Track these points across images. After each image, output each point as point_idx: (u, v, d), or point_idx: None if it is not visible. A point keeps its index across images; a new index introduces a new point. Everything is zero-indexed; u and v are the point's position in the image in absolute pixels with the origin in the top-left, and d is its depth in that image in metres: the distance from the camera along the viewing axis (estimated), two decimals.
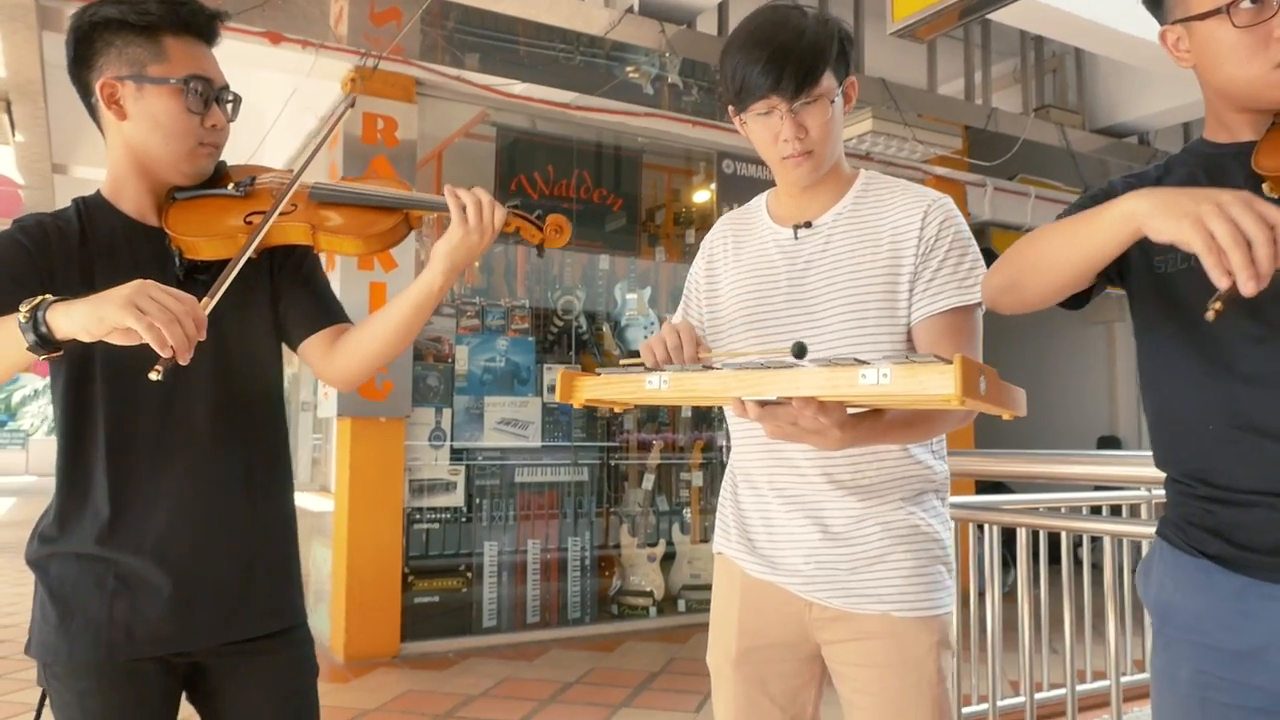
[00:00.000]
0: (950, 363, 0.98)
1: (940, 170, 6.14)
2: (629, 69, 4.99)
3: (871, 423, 1.23)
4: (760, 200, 1.60)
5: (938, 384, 0.99)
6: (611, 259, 5.60)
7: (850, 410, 1.20)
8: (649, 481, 5.67)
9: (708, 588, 5.57)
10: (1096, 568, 3.33)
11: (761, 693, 1.47)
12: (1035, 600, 3.05)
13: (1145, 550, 1.60)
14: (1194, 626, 1.14)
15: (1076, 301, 1.24)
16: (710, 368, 1.19)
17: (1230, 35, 1.09)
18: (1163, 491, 1.25)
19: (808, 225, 1.49)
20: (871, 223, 1.44)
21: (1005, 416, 1.10)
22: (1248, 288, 0.89)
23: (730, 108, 1.46)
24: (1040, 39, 5.84)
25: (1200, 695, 1.13)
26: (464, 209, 1.37)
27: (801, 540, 1.43)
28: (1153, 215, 0.96)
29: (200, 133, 1.39)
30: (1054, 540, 3.60)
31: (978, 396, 1.00)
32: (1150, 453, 1.26)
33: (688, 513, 5.74)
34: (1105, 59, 5.77)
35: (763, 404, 1.16)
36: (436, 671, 4.36)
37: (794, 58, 1.35)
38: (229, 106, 1.43)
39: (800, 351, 1.20)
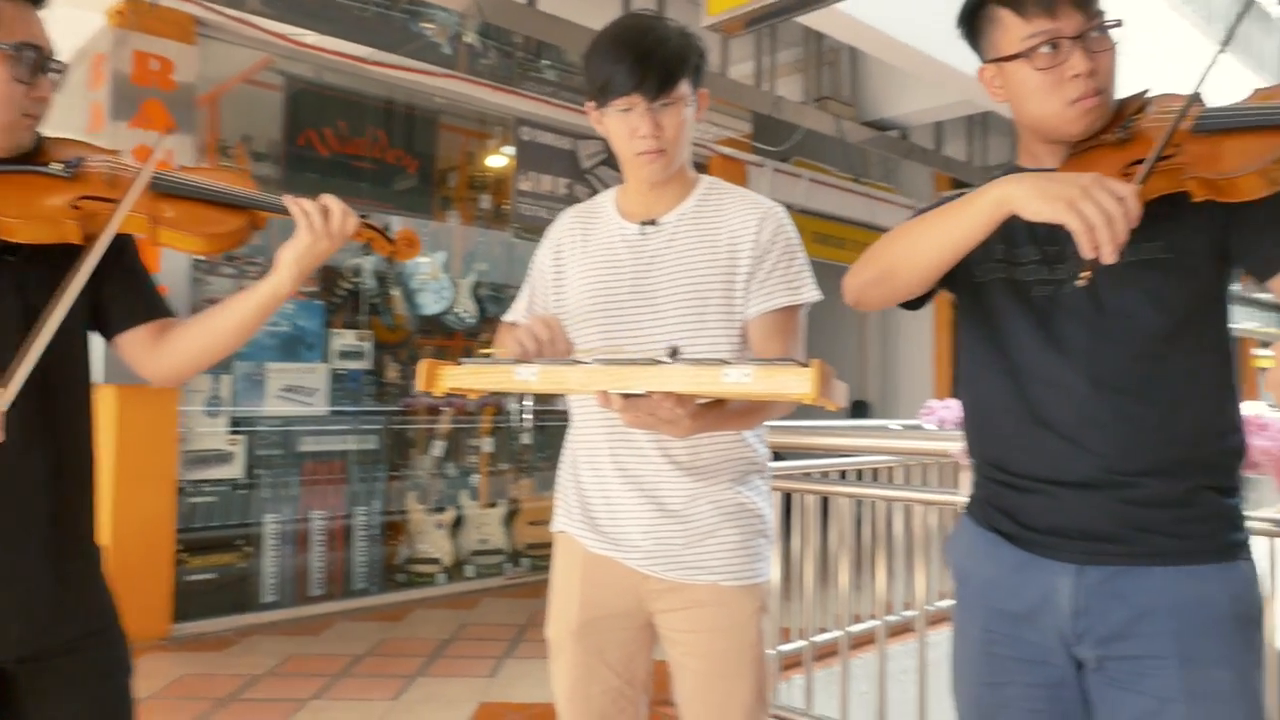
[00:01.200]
0: (806, 365, 1.09)
1: (725, 150, 6.43)
2: (425, 24, 4.85)
3: (717, 412, 1.33)
4: (608, 196, 1.66)
5: (795, 384, 1.09)
6: (404, 221, 5.45)
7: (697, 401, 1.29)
8: (438, 448, 5.62)
9: (496, 552, 5.64)
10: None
11: (600, 661, 1.56)
12: (855, 548, 3.33)
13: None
14: (984, 591, 1.34)
15: (916, 304, 1.38)
16: (580, 363, 1.24)
17: (1033, 76, 1.25)
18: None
19: (653, 223, 1.56)
20: (712, 224, 1.54)
21: (831, 408, 1.23)
22: (1110, 258, 1.05)
23: (591, 103, 1.52)
24: (821, 34, 6.23)
25: (986, 649, 1.33)
26: (308, 215, 1.34)
27: (640, 518, 1.52)
28: (1029, 199, 1.09)
29: (25, 104, 1.26)
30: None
31: (824, 395, 1.13)
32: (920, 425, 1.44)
33: (477, 478, 5.74)
34: (875, 58, 6.26)
35: (625, 396, 1.23)
36: (214, 653, 4.14)
37: (657, 62, 1.43)
38: (56, 77, 1.30)
39: (674, 355, 1.28)
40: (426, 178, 5.61)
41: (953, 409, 4.63)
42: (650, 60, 1.43)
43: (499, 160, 5.93)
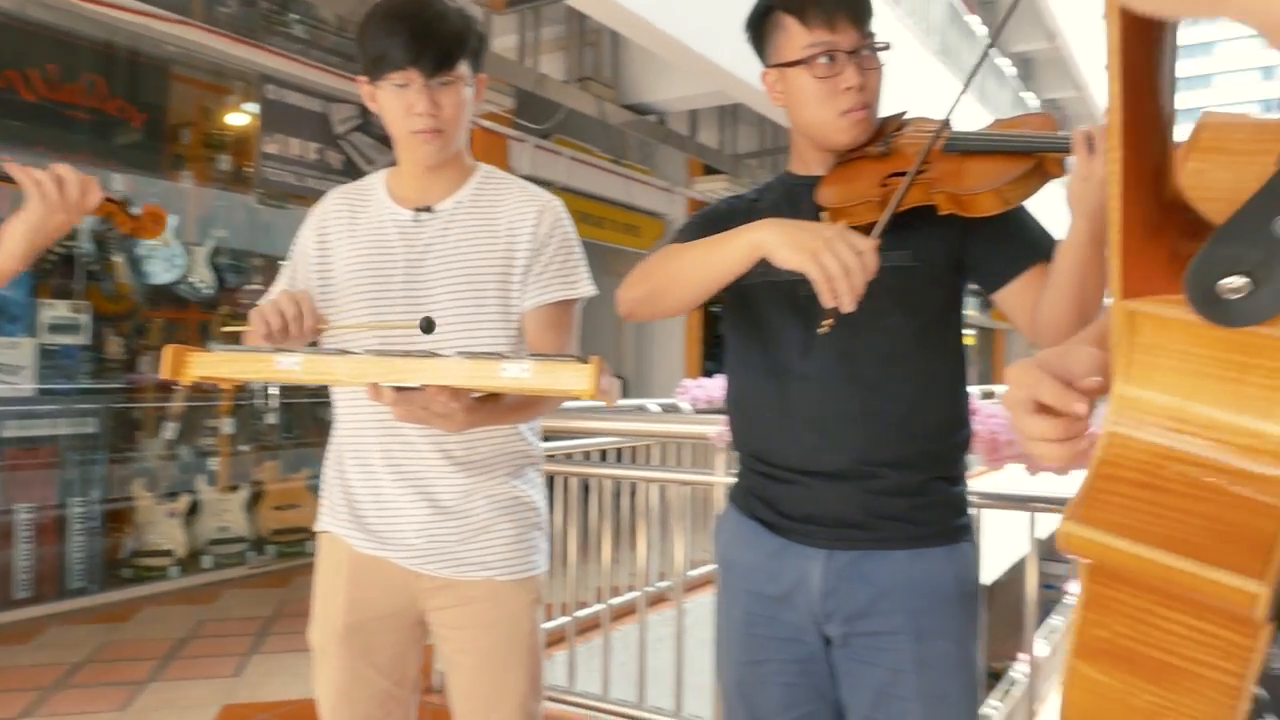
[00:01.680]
0: (586, 362, 1.10)
1: (487, 124, 6.33)
2: None
3: (492, 406, 1.31)
4: (377, 179, 1.58)
5: (573, 380, 1.10)
6: (126, 178, 4.92)
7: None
8: (170, 429, 5.16)
9: (238, 540, 5.28)
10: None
11: (367, 664, 1.50)
12: (615, 522, 3.38)
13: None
14: (745, 576, 1.41)
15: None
16: (348, 353, 1.17)
17: (811, 84, 1.34)
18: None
19: (428, 209, 1.51)
20: (490, 214, 1.51)
21: (608, 404, 1.25)
22: (849, 307, 1.12)
23: (363, 77, 1.43)
24: (583, 14, 6.27)
25: (747, 630, 1.41)
26: (40, 185, 1.19)
27: (412, 515, 1.48)
28: (779, 246, 1.15)
29: None
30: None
31: (601, 391, 1.14)
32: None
33: (215, 461, 5.34)
34: (636, 43, 6.38)
35: (398, 389, 1.19)
36: None
37: (436, 37, 1.37)
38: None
39: (429, 326, 1.24)
40: (155, 133, 5.08)
41: (705, 388, 4.86)
42: (429, 35, 1.38)
43: (241, 118, 5.49)
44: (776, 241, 1.15)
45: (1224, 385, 0.50)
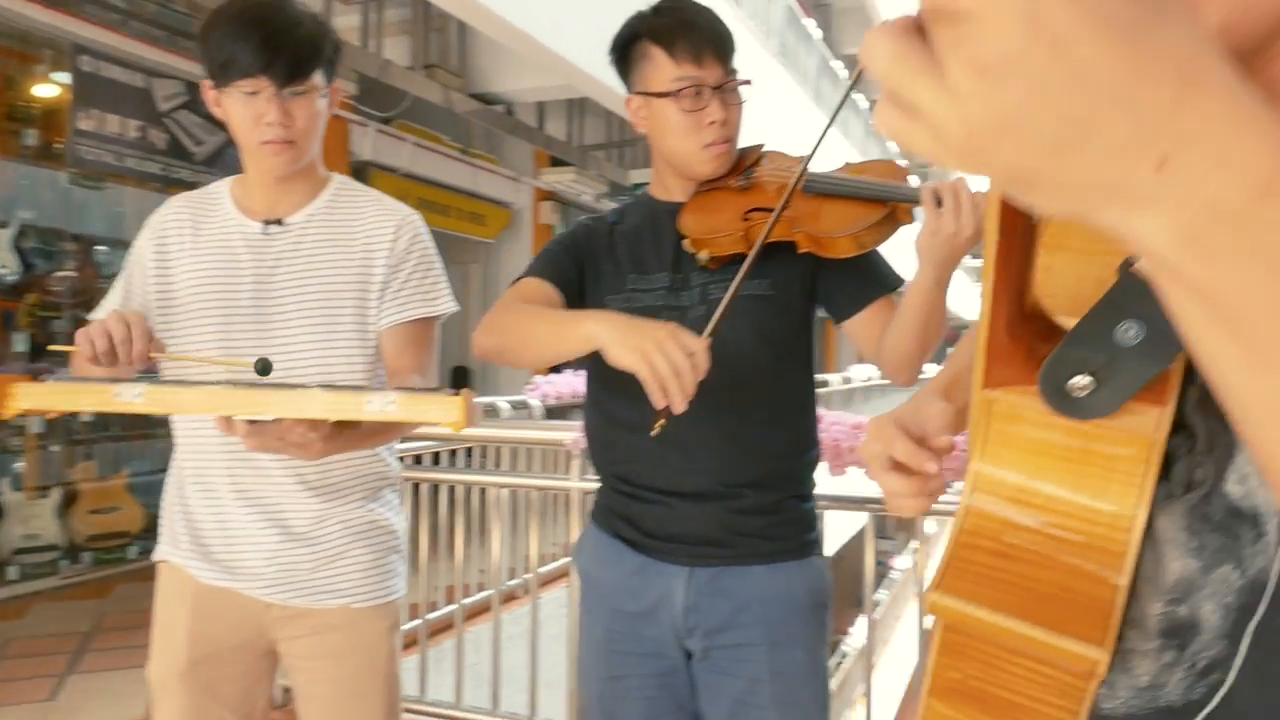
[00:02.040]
0: (456, 394, 1.09)
1: None
2: None
3: (351, 432, 1.28)
4: (222, 186, 1.50)
5: (443, 414, 1.08)
6: None
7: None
8: None
9: (49, 549, 4.89)
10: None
11: (212, 699, 1.44)
12: (467, 521, 3.32)
13: None
14: (607, 594, 1.44)
15: None
16: (199, 383, 1.11)
17: (676, 115, 1.37)
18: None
19: (279, 222, 1.44)
20: (345, 228, 1.46)
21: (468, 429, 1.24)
22: (680, 407, 1.12)
23: (208, 81, 1.35)
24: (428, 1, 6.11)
25: (609, 646, 1.44)
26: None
27: (262, 543, 1.42)
28: (611, 345, 1.15)
29: None
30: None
31: (471, 422, 1.13)
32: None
33: (21, 462, 4.92)
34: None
35: (251, 421, 1.14)
36: None
37: (290, 45, 1.31)
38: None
39: (265, 369, 1.20)
40: None
41: (555, 384, 4.87)
42: (282, 42, 1.31)
43: (50, 90, 5.04)
44: (609, 339, 1.16)
45: (1066, 466, 0.56)
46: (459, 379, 10.13)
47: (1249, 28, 0.45)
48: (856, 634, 7.67)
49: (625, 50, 1.43)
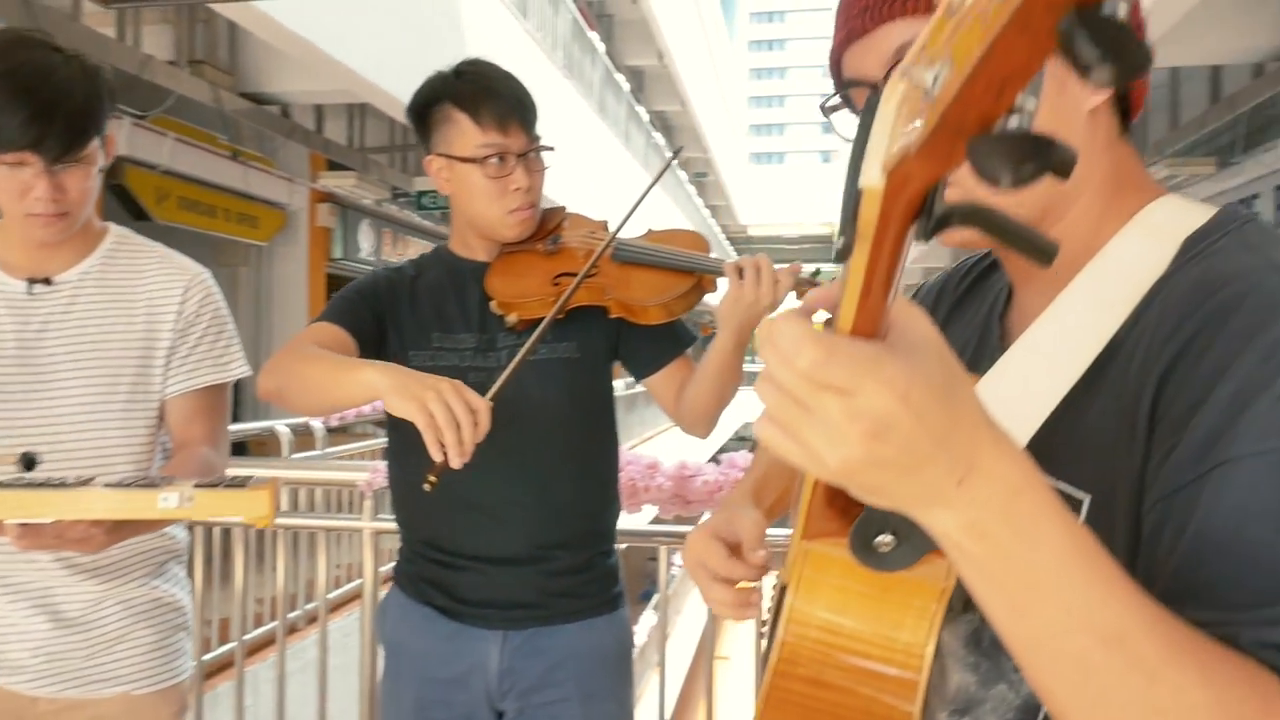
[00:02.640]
0: (262, 489, 1.05)
1: None
2: None
3: (135, 522, 1.20)
4: None
5: (249, 508, 1.05)
6: None
7: None
8: None
9: None
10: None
11: None
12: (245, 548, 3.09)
13: None
14: (418, 661, 1.43)
15: None
16: None
17: (481, 181, 1.38)
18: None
19: (47, 281, 1.32)
20: (125, 288, 1.36)
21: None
22: (456, 463, 1.11)
23: None
24: None
25: (418, 713, 1.43)
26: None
27: (28, 633, 1.30)
28: (390, 393, 1.14)
29: None
30: None
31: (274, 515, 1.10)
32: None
33: None
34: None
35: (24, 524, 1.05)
36: None
37: (62, 118, 1.19)
38: None
39: (30, 463, 1.11)
40: None
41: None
42: (53, 116, 1.18)
43: None
44: (388, 386, 1.15)
45: (869, 605, 0.64)
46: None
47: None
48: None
49: (426, 111, 1.42)
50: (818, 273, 1.35)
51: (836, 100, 0.70)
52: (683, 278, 1.40)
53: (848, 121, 0.69)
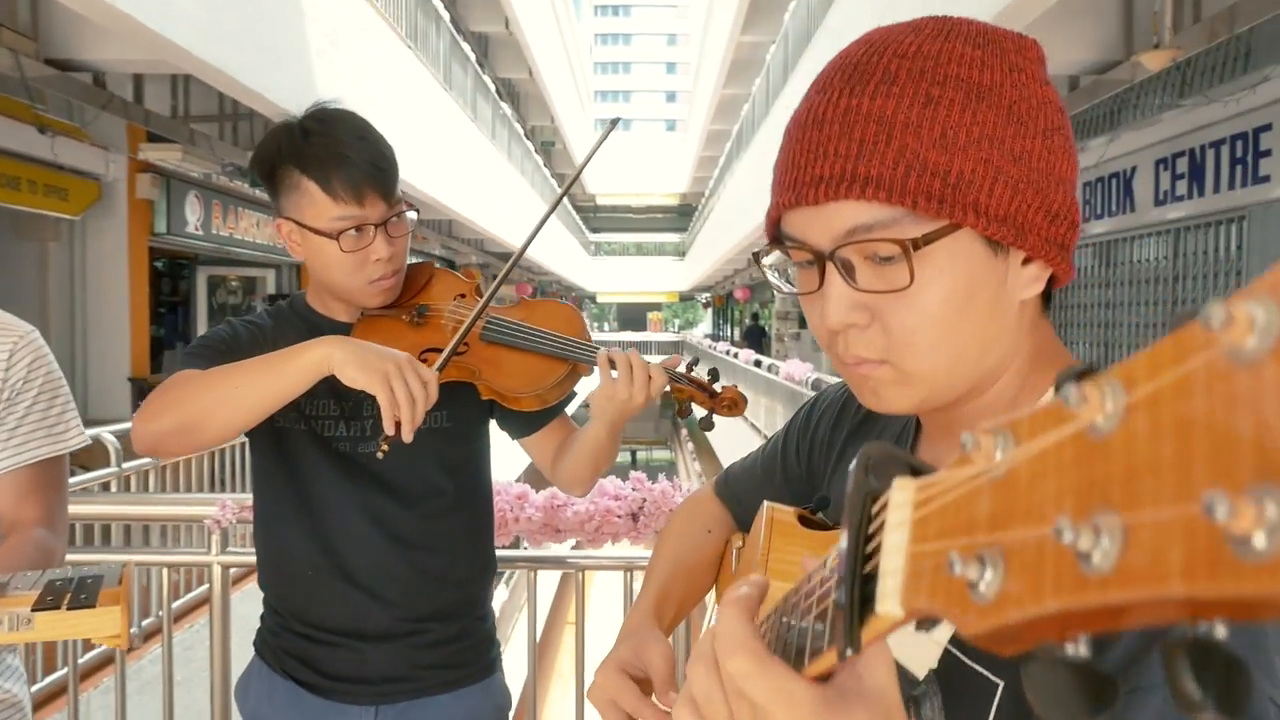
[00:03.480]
0: (113, 609, 0.96)
1: None
2: None
3: None
4: None
5: (101, 627, 0.96)
6: None
7: None
8: None
9: None
10: None
11: None
12: None
13: None
14: None
15: None
16: None
17: (338, 254, 1.28)
18: None
19: None
20: None
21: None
22: (409, 436, 1.13)
23: None
24: None
25: None
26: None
27: None
28: (347, 364, 1.12)
29: None
30: None
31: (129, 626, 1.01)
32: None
33: None
34: None
35: None
36: None
37: None
38: None
39: None
40: None
41: None
42: None
43: None
44: (345, 359, 1.12)
45: None
46: None
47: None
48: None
49: (271, 171, 1.31)
50: (696, 363, 1.33)
51: (774, 256, 0.68)
52: (556, 364, 1.35)
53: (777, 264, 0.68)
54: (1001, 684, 0.62)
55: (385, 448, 1.18)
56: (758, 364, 12.31)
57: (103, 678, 3.35)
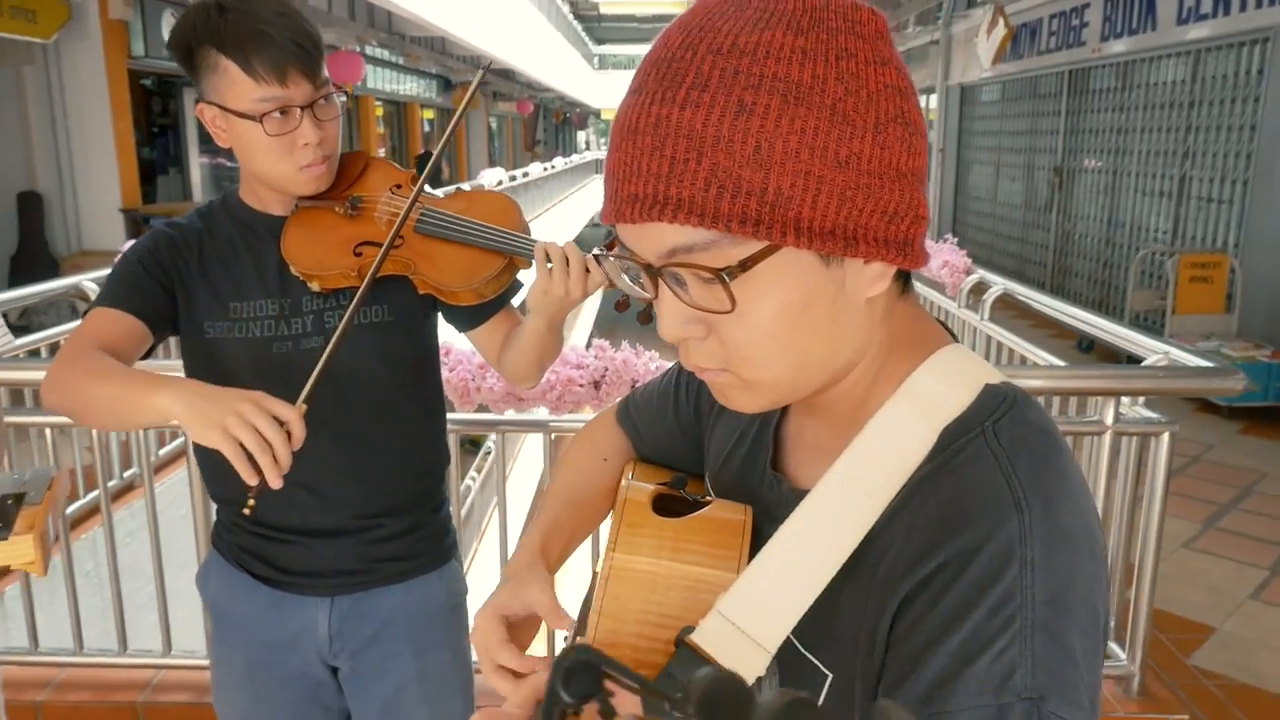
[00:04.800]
0: (24, 537, 0.98)
1: None
2: None
3: None
4: None
5: (15, 554, 0.99)
6: None
7: None
8: None
9: None
10: None
11: None
12: None
13: None
14: (244, 626, 1.42)
15: None
16: None
17: (263, 138, 1.23)
18: None
19: None
20: None
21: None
22: (276, 483, 1.04)
23: None
24: None
25: (251, 672, 1.43)
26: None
27: None
28: (189, 423, 1.04)
29: None
30: None
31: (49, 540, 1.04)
32: None
33: None
34: None
35: None
36: None
37: None
38: None
39: None
40: None
41: None
42: None
43: None
44: (185, 415, 1.05)
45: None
46: (27, 206, 8.62)
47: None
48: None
49: (188, 52, 1.24)
50: None
51: (614, 260, 0.64)
52: (493, 257, 1.32)
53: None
54: (830, 677, 0.64)
55: (251, 502, 1.09)
56: None
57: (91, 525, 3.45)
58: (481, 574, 5.07)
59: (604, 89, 40.44)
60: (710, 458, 0.85)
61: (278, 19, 1.22)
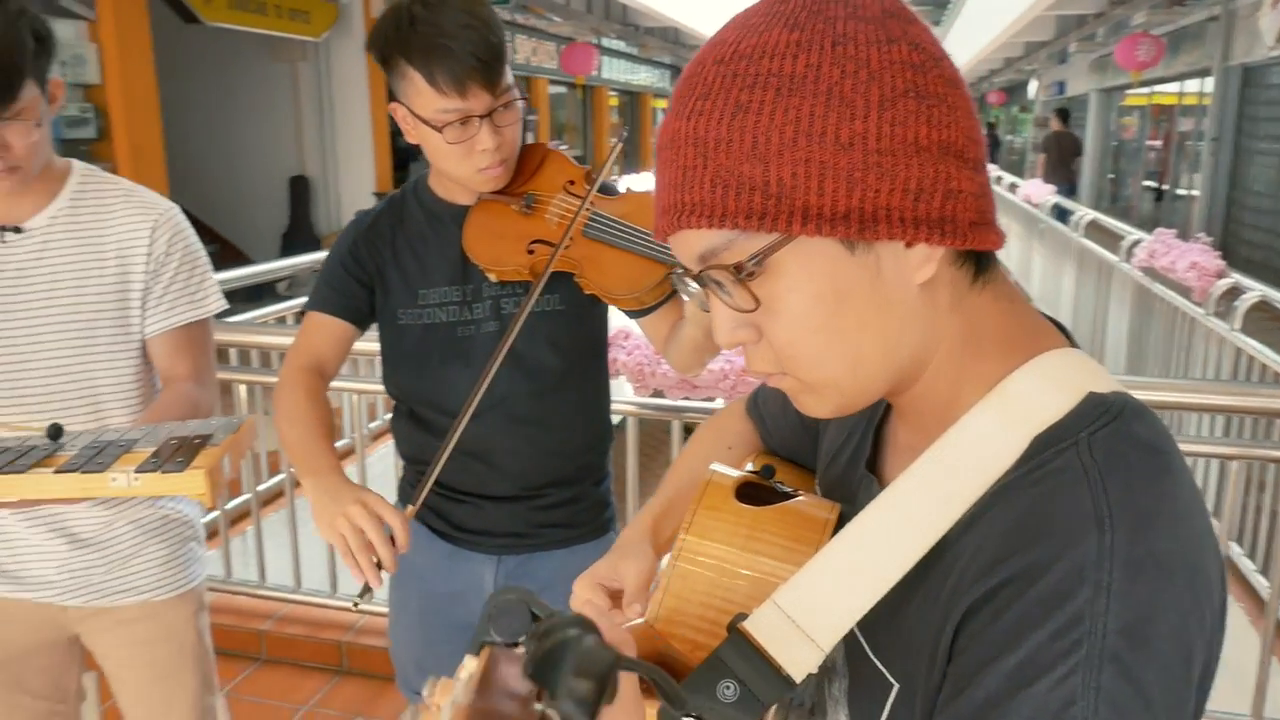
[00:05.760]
0: (198, 470, 1.09)
1: None
2: None
3: None
4: None
5: (188, 487, 1.10)
6: None
7: None
8: None
9: None
10: None
11: (21, 692, 1.50)
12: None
13: None
14: (419, 574, 1.53)
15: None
16: None
17: (445, 145, 1.30)
18: None
19: (16, 229, 1.35)
20: (95, 231, 1.38)
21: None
22: (377, 586, 1.17)
23: None
24: None
25: (421, 619, 1.56)
26: None
27: (50, 553, 1.43)
28: (313, 514, 1.21)
29: None
30: None
31: (224, 477, 1.16)
32: None
33: None
34: None
35: None
36: None
37: None
38: None
39: (56, 434, 1.17)
40: None
41: None
42: None
43: None
44: (314, 508, 1.22)
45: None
46: (298, 189, 9.64)
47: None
48: None
49: (385, 58, 1.32)
50: None
51: (677, 272, 0.66)
52: (655, 267, 1.33)
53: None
54: (896, 687, 0.61)
55: (358, 599, 1.23)
56: (997, 180, 11.38)
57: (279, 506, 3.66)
58: None
59: None
60: (821, 455, 0.84)
61: (462, 31, 1.25)
